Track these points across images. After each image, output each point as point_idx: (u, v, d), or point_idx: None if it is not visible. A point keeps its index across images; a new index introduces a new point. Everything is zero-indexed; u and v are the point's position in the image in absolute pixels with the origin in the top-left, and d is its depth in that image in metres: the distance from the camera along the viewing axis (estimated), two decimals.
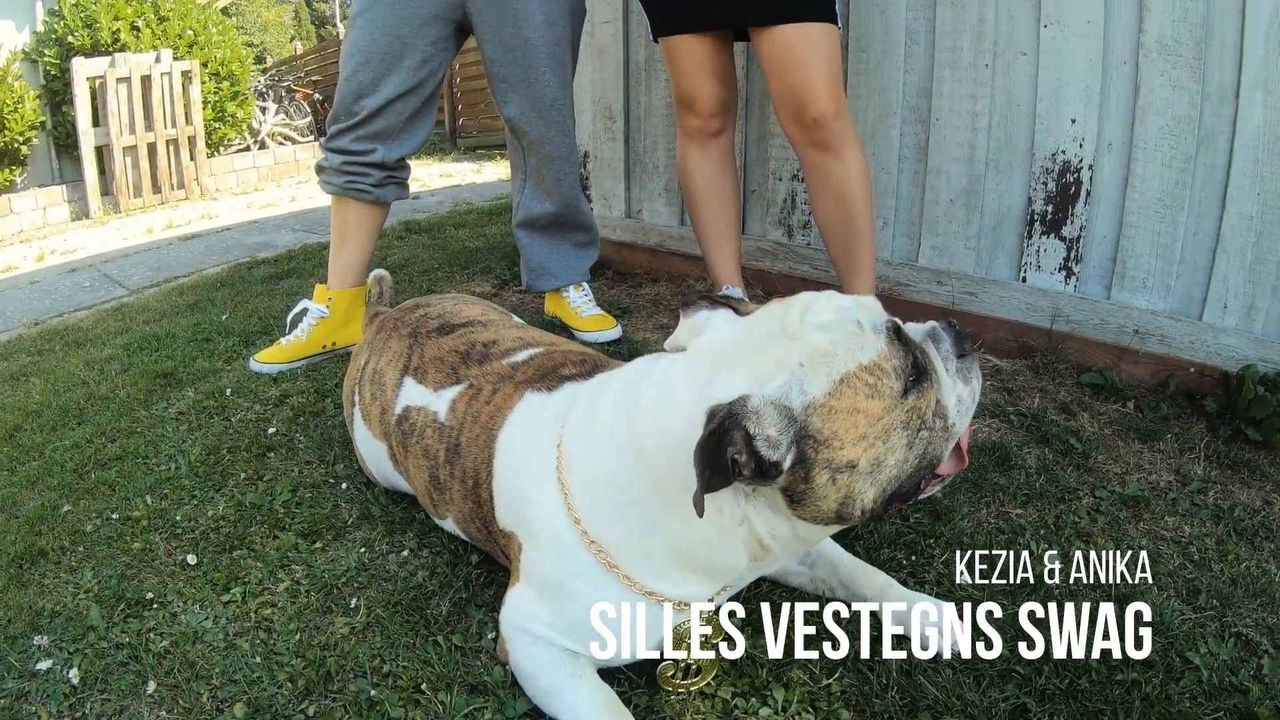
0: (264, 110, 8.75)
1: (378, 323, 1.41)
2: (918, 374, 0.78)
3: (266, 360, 2.01)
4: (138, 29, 7.14)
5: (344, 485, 1.46)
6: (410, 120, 1.92)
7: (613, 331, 2.07)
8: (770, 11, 1.69)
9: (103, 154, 6.94)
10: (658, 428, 0.84)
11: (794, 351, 0.76)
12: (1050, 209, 1.91)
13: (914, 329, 0.83)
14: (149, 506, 1.46)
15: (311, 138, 8.98)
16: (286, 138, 8.80)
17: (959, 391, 0.82)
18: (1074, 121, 1.82)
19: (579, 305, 2.10)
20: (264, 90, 9.20)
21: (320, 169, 1.97)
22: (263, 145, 8.38)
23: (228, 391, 1.91)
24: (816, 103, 1.69)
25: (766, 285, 2.39)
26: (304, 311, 2.04)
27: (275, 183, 7.61)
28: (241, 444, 1.65)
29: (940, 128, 2.00)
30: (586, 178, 2.79)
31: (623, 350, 2.01)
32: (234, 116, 7.60)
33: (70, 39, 6.99)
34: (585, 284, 2.15)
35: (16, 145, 6.83)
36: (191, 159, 7.16)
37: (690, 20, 1.80)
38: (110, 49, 6.98)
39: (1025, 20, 1.84)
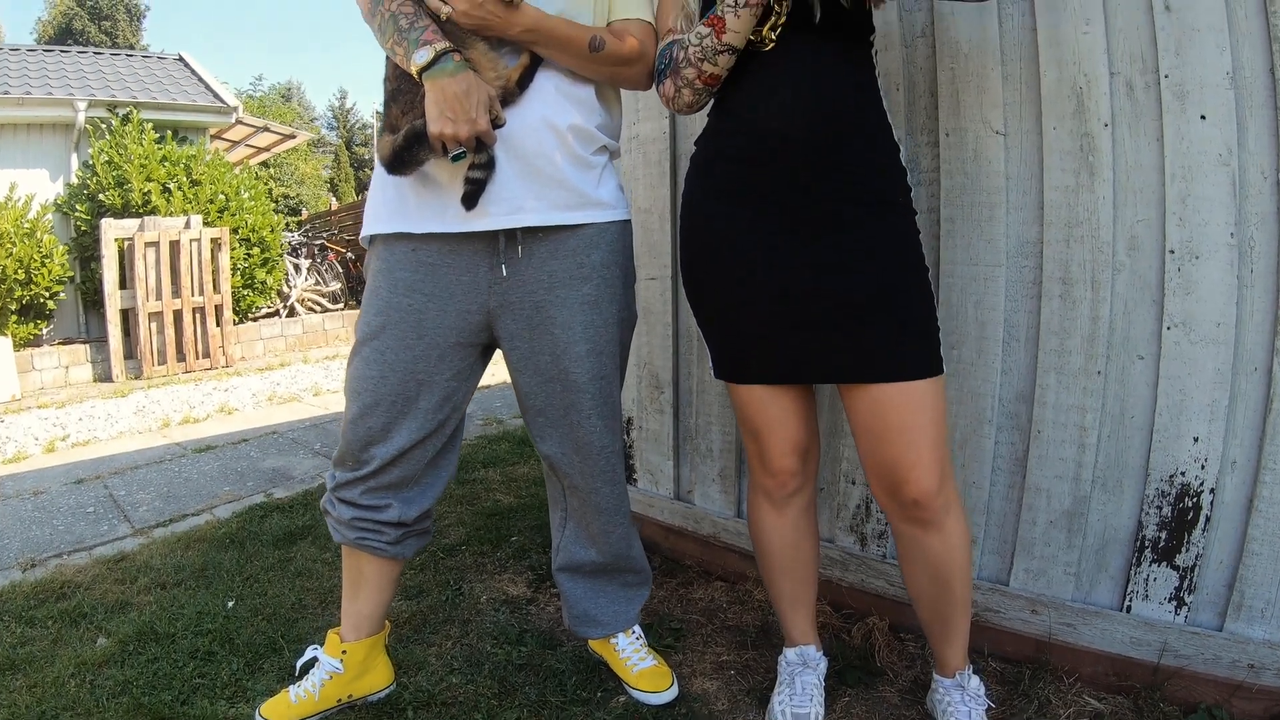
0: (296, 268, 8.79)
1: None
2: None
3: (274, 718, 1.74)
4: (169, 191, 7.23)
5: None
6: (432, 464, 1.65)
7: (668, 693, 1.78)
8: (867, 369, 1.45)
9: (128, 316, 6.93)
10: None
11: None
12: (1164, 535, 1.68)
13: None
14: None
15: (341, 305, 8.99)
16: (316, 303, 8.80)
17: None
18: (1196, 440, 1.61)
19: (629, 656, 1.83)
20: (297, 246, 9.28)
21: (327, 513, 1.70)
22: (291, 312, 8.36)
23: None
24: (917, 481, 1.44)
25: (835, 599, 2.13)
26: (314, 660, 1.79)
27: (302, 355, 7.53)
28: None
29: (1042, 441, 1.79)
30: (630, 446, 2.57)
31: (682, 716, 1.74)
32: (263, 284, 7.59)
33: (101, 196, 7.07)
34: (637, 626, 1.89)
35: (43, 300, 6.89)
36: (218, 325, 7.11)
37: (765, 374, 1.56)
38: (141, 210, 7.06)
39: (1145, 319, 1.64)
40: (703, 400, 2.34)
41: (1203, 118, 1.52)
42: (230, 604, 2.35)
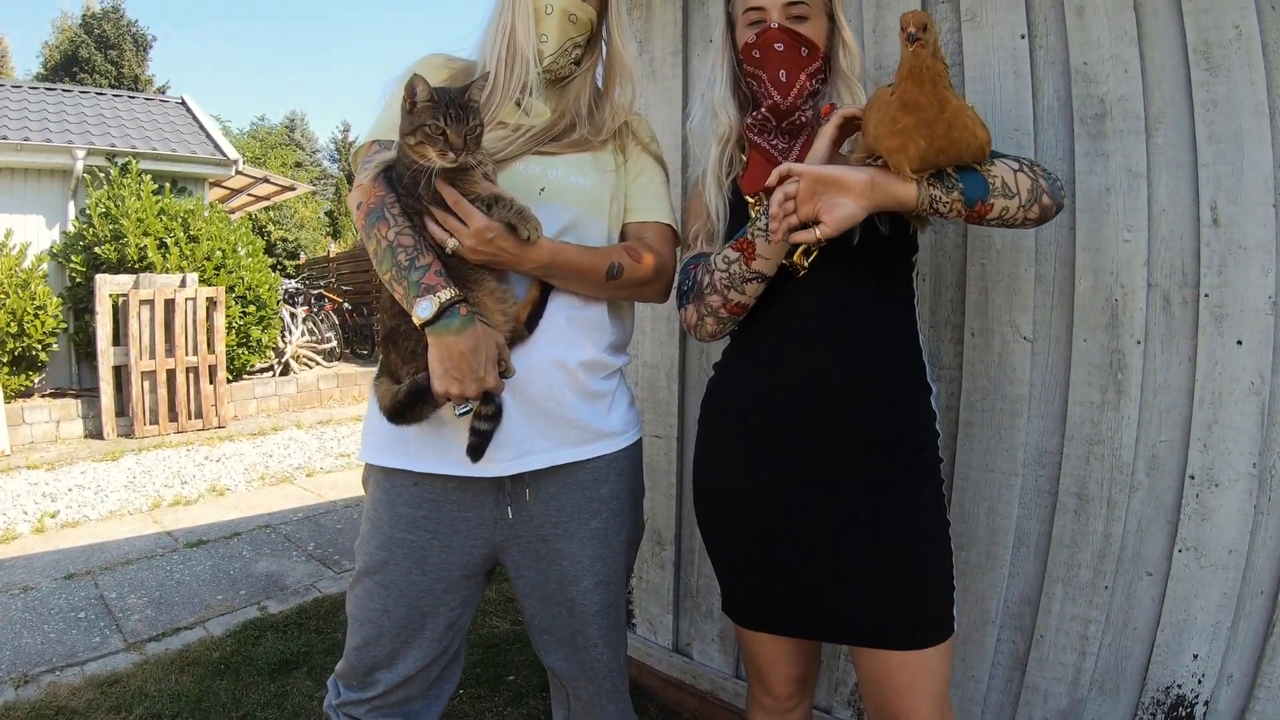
0: (293, 317, 8.77)
1: None
2: None
3: None
4: (165, 246, 7.21)
5: None
6: (438, 678, 1.59)
7: None
8: (877, 635, 1.39)
9: (120, 372, 6.91)
10: None
11: None
12: None
13: None
14: None
15: (336, 363, 8.97)
16: (310, 359, 8.78)
17: None
18: (1196, 657, 1.61)
19: None
20: (294, 294, 9.27)
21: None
22: (286, 369, 8.33)
23: None
24: None
25: None
26: None
27: (296, 418, 7.49)
28: None
29: (1043, 645, 1.78)
30: (630, 593, 2.58)
31: None
32: (259, 342, 7.56)
33: (97, 250, 7.05)
34: None
35: (35, 351, 6.85)
36: (211, 384, 7.09)
37: (774, 625, 1.50)
38: (136, 265, 7.04)
39: (1157, 540, 1.62)
40: (704, 561, 2.33)
41: (1239, 343, 1.47)
42: None
